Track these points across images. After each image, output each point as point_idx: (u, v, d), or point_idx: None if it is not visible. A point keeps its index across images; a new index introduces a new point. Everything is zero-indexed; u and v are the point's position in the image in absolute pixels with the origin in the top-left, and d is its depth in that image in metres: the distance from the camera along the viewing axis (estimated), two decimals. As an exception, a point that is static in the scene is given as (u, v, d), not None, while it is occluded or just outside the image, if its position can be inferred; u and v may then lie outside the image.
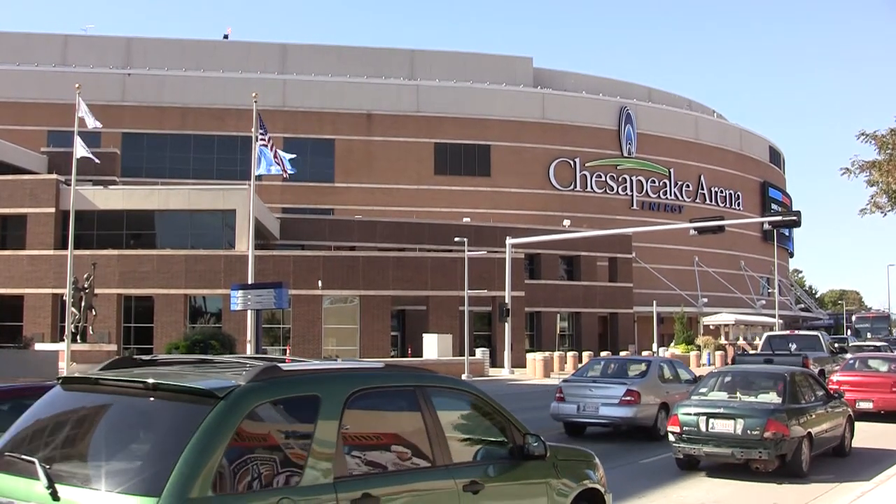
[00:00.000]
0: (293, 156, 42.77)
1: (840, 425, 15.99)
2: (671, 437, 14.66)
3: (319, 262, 53.36)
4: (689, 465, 14.78)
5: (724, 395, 15.10)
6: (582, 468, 7.68)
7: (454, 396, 7.00)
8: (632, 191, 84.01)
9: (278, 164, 41.51)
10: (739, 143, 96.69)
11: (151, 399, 5.33)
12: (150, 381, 5.38)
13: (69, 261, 39.98)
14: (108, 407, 5.49)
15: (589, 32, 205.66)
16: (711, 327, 74.88)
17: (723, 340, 68.71)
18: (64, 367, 36.62)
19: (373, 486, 5.65)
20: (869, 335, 65.59)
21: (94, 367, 38.28)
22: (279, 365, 5.80)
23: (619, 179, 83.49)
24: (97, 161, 40.22)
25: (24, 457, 5.26)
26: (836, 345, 33.21)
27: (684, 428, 14.29)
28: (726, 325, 73.99)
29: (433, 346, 49.01)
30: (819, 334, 33.25)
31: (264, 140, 41.36)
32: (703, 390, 15.49)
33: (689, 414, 14.37)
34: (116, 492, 4.81)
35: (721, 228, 45.79)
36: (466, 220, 67.42)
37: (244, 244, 47.44)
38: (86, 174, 43.80)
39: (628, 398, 18.65)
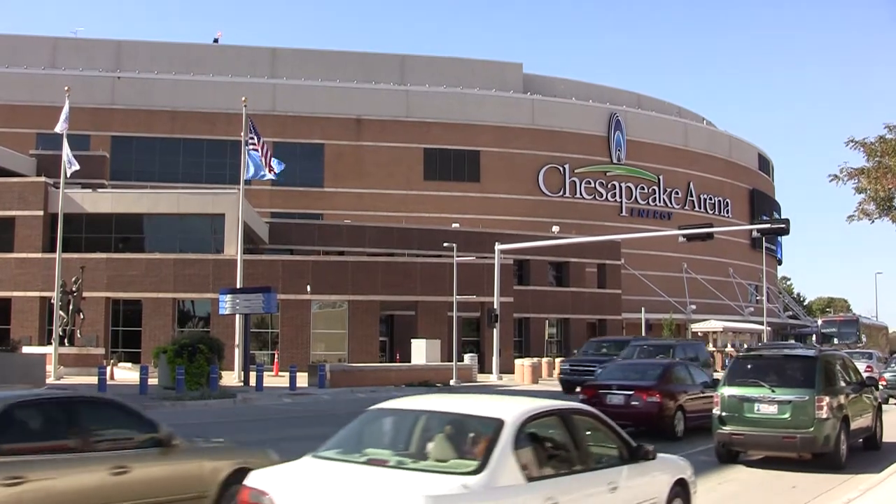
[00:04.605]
0: (282, 166, 42.85)
1: None
2: (880, 387, 25.61)
3: (308, 267, 53.30)
4: (886, 401, 26.58)
5: None
6: None
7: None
8: (621, 197, 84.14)
9: (271, 171, 41.47)
10: (728, 150, 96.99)
11: (788, 358, 17.03)
12: (786, 353, 17.86)
13: (57, 264, 39.92)
14: (778, 362, 16.76)
15: (579, 39, 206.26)
16: (700, 334, 74.91)
17: (711, 347, 68.75)
18: (51, 371, 36.51)
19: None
20: (836, 340, 65.29)
21: (83, 369, 38.07)
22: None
23: (609, 186, 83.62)
24: (77, 167, 40.21)
25: (751, 380, 16.03)
26: None
27: (888, 383, 30.87)
28: (714, 332, 74.01)
29: (421, 352, 48.99)
30: None
31: (255, 145, 41.37)
32: (893, 366, 34.84)
33: (888, 376, 31.79)
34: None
35: (710, 236, 45.76)
36: (456, 225, 67.48)
37: (233, 248, 47.36)
38: (75, 177, 43.71)
39: (868, 369, 32.06)
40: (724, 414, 15.98)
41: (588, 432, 8.50)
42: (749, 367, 16.63)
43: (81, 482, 8.60)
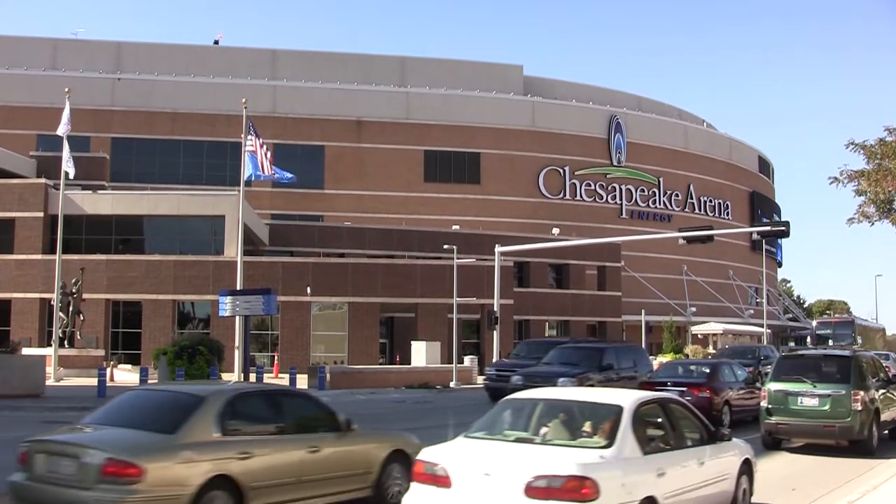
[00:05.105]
0: (293, 178, 42.59)
1: None
2: None
3: (308, 269, 53.28)
4: None
5: None
6: None
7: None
8: (621, 199, 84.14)
9: (272, 174, 41.28)
10: (729, 152, 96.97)
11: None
12: (825, 353, 21.34)
13: (57, 265, 39.88)
14: (817, 360, 19.27)
15: (579, 41, 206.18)
16: (700, 336, 74.94)
17: (711, 350, 68.75)
18: (51, 372, 36.46)
19: None
20: (831, 342, 65.17)
21: (83, 371, 38.00)
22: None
23: (609, 188, 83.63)
24: (72, 172, 40.27)
25: (795, 376, 18.33)
26: None
27: None
28: (714, 335, 74.00)
29: (421, 354, 48.91)
30: None
31: (252, 146, 41.22)
32: None
33: None
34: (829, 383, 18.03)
35: (710, 238, 45.76)
36: (456, 227, 67.42)
37: (233, 250, 47.33)
38: (75, 178, 43.72)
39: (887, 368, 32.55)
40: (770, 406, 18.29)
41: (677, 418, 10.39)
42: (792, 365, 19.12)
43: (289, 458, 10.54)
